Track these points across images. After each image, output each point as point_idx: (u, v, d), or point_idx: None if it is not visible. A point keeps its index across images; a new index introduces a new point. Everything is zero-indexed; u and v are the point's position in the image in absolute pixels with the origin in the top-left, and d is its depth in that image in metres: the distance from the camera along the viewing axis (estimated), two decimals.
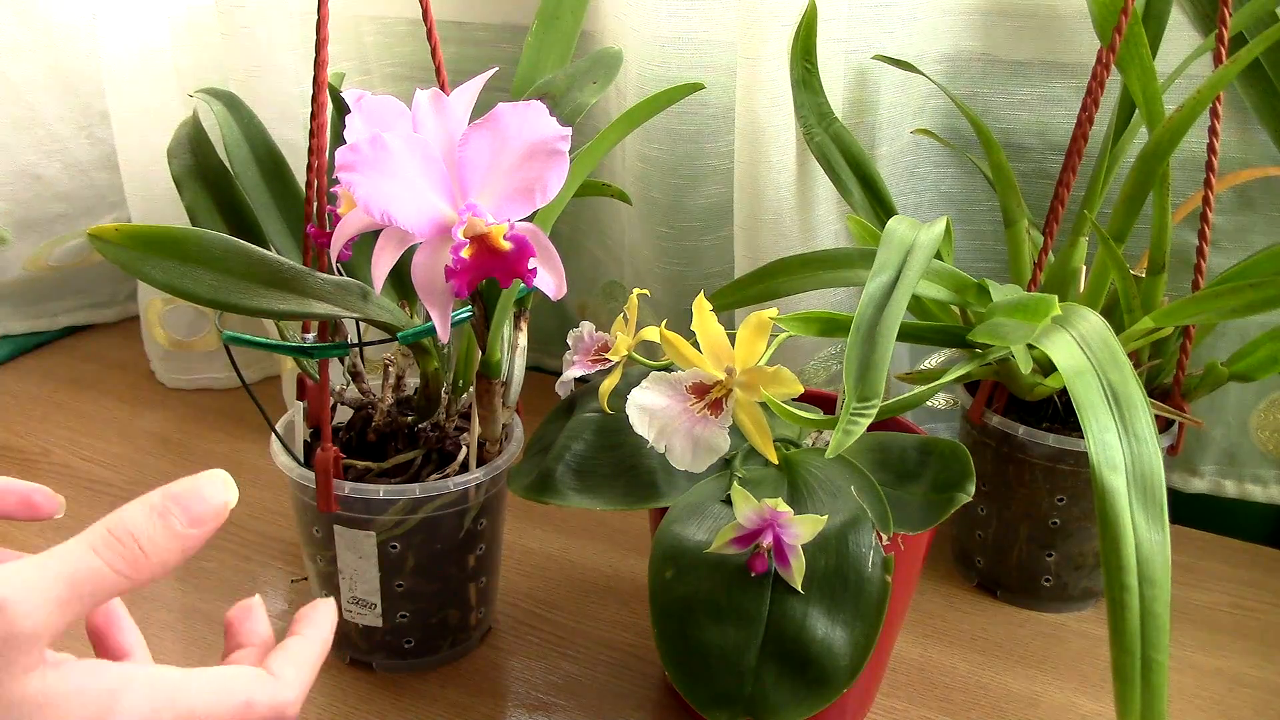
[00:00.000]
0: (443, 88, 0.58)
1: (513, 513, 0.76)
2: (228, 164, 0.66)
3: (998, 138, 0.72)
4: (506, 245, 0.48)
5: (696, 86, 0.61)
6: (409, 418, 0.64)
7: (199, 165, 0.66)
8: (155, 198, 0.92)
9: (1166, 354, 0.70)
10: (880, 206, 0.73)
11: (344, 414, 0.67)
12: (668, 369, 0.53)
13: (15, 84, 0.97)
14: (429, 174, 0.49)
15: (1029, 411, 0.70)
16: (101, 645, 0.41)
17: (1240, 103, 0.71)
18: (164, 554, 0.34)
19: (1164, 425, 0.69)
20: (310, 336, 0.59)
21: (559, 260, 0.52)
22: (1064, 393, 0.68)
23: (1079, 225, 0.67)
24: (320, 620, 0.41)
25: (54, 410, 0.96)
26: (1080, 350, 0.52)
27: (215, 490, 0.35)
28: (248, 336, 0.55)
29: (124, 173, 0.93)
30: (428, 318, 0.51)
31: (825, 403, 0.66)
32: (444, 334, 0.52)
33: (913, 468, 0.55)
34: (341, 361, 0.65)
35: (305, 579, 0.69)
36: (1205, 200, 0.66)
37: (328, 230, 0.56)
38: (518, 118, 0.48)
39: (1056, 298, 0.53)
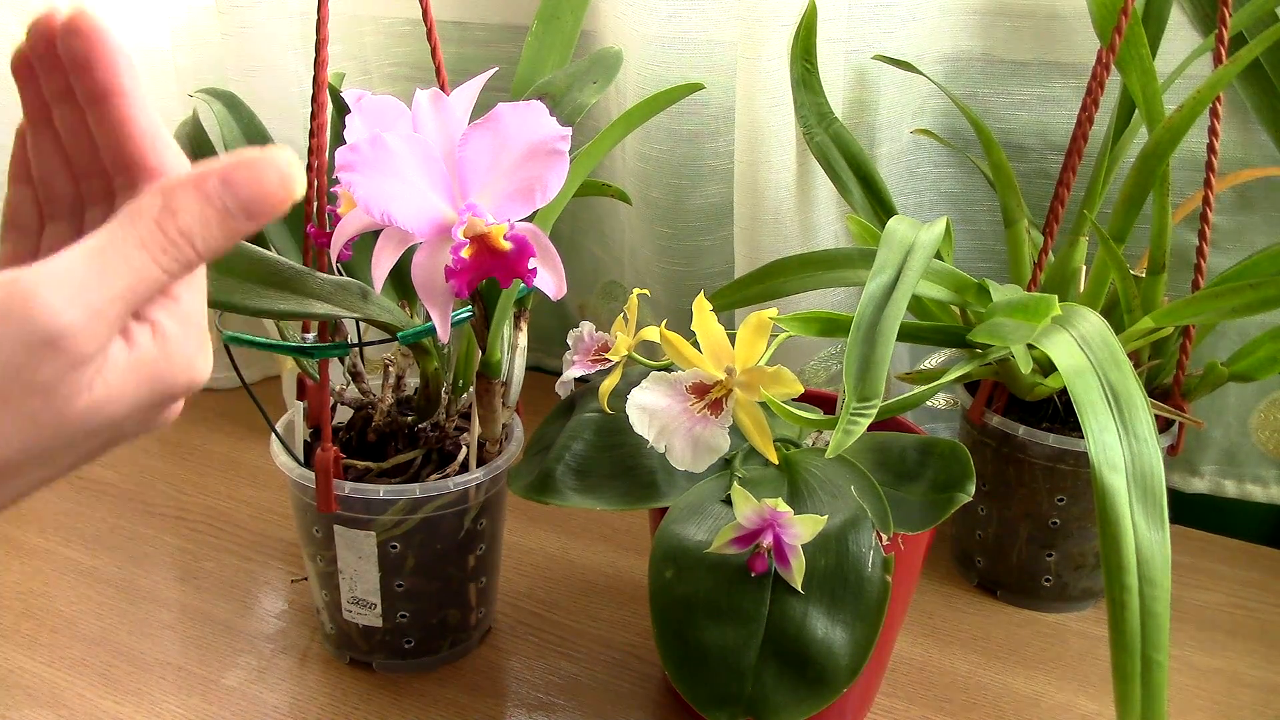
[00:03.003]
0: (443, 88, 0.58)
1: (513, 513, 0.76)
2: None
3: (998, 138, 0.72)
4: (506, 245, 0.48)
5: (696, 86, 0.61)
6: (409, 418, 0.64)
7: None
8: None
9: (1166, 354, 0.70)
10: (880, 206, 0.73)
11: (344, 414, 0.67)
12: (668, 369, 0.53)
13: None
14: (429, 174, 0.49)
15: (1029, 411, 0.70)
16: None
17: (1240, 103, 0.71)
18: (216, 247, 0.30)
19: (1164, 425, 0.69)
20: (310, 336, 0.59)
21: (559, 260, 0.52)
22: (1064, 393, 0.68)
23: (1079, 225, 0.67)
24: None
25: None
26: (1080, 350, 0.52)
27: (275, 179, 0.30)
28: (248, 336, 0.55)
29: None
30: (428, 318, 0.51)
31: (825, 403, 0.66)
32: (444, 334, 0.52)
33: (913, 468, 0.55)
34: (341, 361, 0.65)
35: (305, 579, 0.69)
36: (1205, 200, 0.66)
37: (328, 230, 0.56)
38: (518, 118, 0.48)
39: (1056, 298, 0.53)
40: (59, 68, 0.33)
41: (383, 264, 0.51)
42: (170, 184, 0.30)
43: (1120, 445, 0.47)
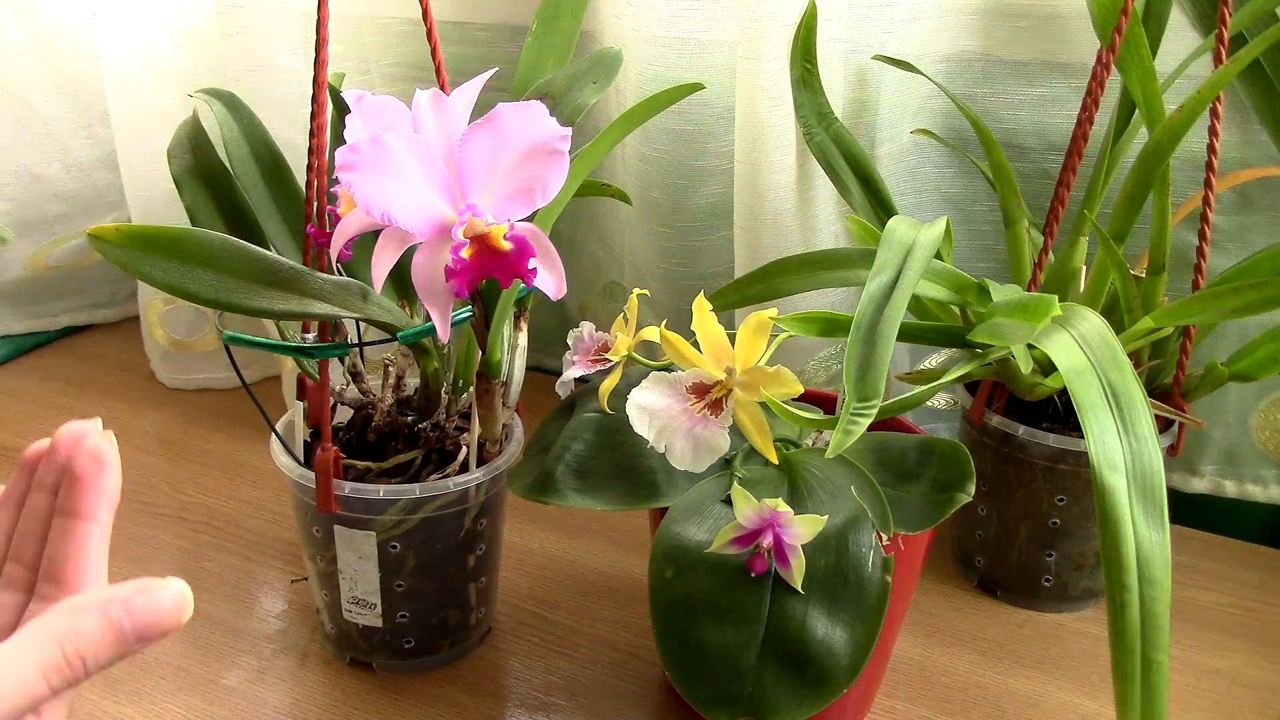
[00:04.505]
0: (443, 88, 0.58)
1: (513, 513, 0.76)
2: (228, 164, 0.66)
3: (998, 138, 0.72)
4: (506, 245, 0.48)
5: (696, 86, 0.61)
6: (409, 418, 0.64)
7: (199, 165, 0.66)
8: (155, 198, 0.92)
9: (1166, 354, 0.70)
10: (880, 206, 0.73)
11: (344, 414, 0.67)
12: (668, 369, 0.53)
13: (15, 84, 0.97)
14: (429, 174, 0.49)
15: (1029, 411, 0.70)
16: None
17: (1240, 103, 0.71)
18: (103, 666, 0.33)
19: (1164, 425, 0.69)
20: (310, 336, 0.59)
21: (559, 260, 0.52)
22: (1064, 393, 0.68)
23: (1079, 225, 0.67)
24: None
25: (54, 410, 0.96)
26: (1080, 350, 0.52)
27: (172, 606, 0.34)
28: (248, 336, 0.55)
29: (124, 173, 0.93)
30: (428, 318, 0.51)
31: (825, 403, 0.66)
32: (444, 334, 0.52)
33: (913, 468, 0.55)
34: (341, 361, 0.65)
35: (305, 579, 0.69)
36: (1205, 200, 0.66)
37: (328, 230, 0.56)
38: (518, 118, 0.48)
39: (1056, 298, 0.53)
40: (59, 468, 0.36)
41: (383, 264, 0.51)
42: (80, 604, 0.33)
43: (1120, 445, 0.47)
